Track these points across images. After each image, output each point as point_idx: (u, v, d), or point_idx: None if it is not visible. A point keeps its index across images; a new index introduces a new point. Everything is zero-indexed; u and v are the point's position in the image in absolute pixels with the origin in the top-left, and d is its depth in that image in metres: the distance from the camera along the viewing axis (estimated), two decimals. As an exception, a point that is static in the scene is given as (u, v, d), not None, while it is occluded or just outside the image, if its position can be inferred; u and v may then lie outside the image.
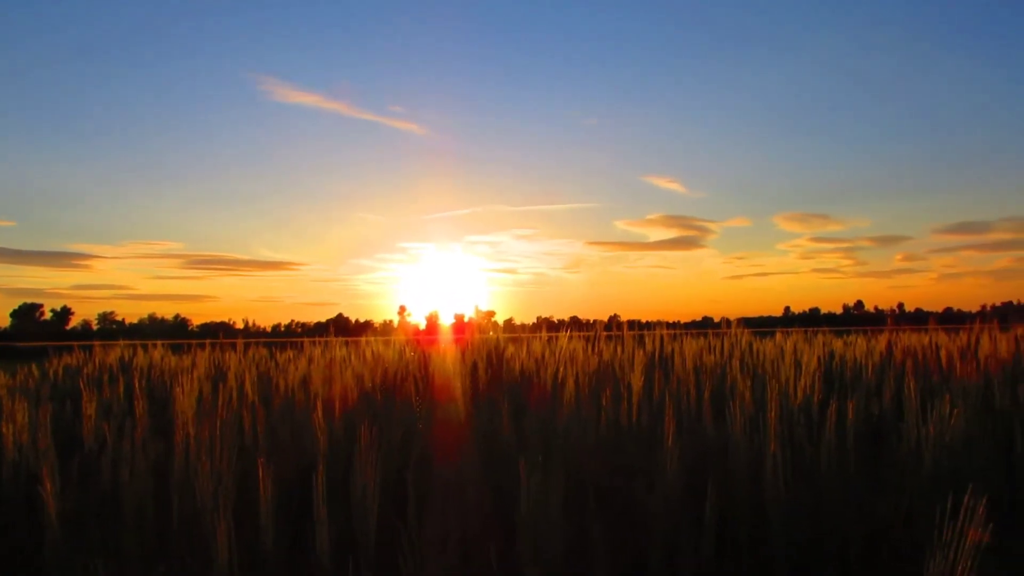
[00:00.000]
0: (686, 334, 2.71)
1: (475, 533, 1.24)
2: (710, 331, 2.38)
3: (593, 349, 2.30)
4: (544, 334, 2.32)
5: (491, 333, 2.28)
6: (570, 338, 2.19)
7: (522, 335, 2.46)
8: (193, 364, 2.71)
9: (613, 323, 2.49)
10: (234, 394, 1.91)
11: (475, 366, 1.89)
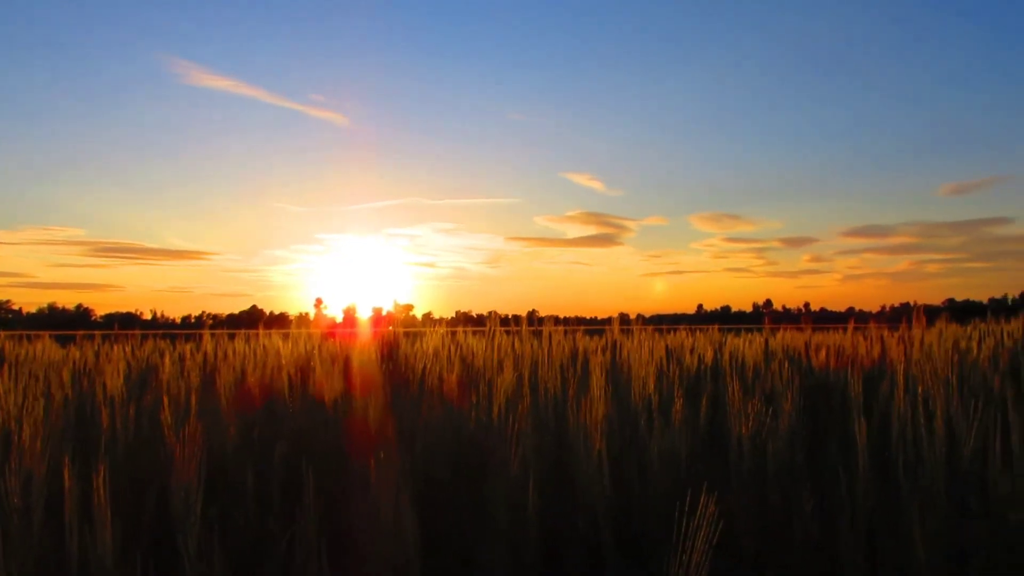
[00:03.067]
0: (586, 331, 2.74)
1: (313, 534, 1.22)
2: (606, 327, 2.40)
3: (492, 346, 2.29)
4: (441, 329, 2.30)
5: (389, 328, 2.24)
6: (461, 333, 2.18)
7: (422, 330, 2.43)
8: (96, 358, 2.59)
9: (533, 318, 2.48)
10: (100, 390, 1.83)
11: (349, 363, 1.86)
